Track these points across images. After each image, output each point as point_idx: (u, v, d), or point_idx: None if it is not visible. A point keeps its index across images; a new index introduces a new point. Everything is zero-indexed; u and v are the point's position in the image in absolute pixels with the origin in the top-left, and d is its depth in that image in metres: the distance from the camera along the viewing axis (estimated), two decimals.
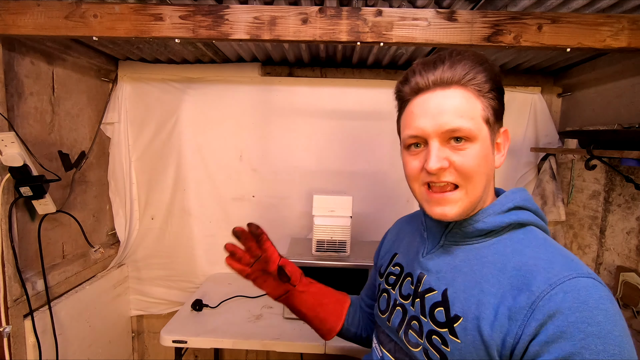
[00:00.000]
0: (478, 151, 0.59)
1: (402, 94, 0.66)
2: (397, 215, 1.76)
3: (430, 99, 0.60)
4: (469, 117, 0.58)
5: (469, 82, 0.59)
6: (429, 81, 0.60)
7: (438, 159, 0.58)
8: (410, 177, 0.65)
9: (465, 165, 0.58)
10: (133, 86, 1.68)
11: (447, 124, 0.57)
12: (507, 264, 0.58)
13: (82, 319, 1.41)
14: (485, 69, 0.60)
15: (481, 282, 0.59)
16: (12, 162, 1.06)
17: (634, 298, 1.17)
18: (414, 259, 0.72)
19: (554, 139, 1.64)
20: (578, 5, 1.01)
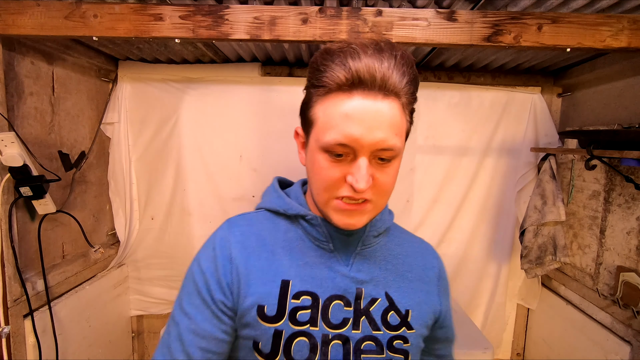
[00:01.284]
0: (397, 168, 0.56)
1: (332, 77, 0.51)
2: (397, 215, 1.76)
3: (370, 107, 0.50)
4: (400, 134, 0.53)
5: (405, 93, 0.52)
6: (374, 78, 0.49)
7: (367, 178, 0.52)
8: (327, 186, 0.55)
9: (387, 183, 0.55)
10: (133, 86, 1.68)
11: (384, 141, 0.51)
12: (408, 251, 0.69)
13: (82, 319, 1.41)
14: (417, 78, 0.54)
15: (404, 272, 0.66)
16: (12, 162, 1.06)
17: (634, 298, 1.17)
18: (332, 278, 0.60)
19: (554, 139, 1.64)
20: (578, 5, 1.01)
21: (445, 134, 1.71)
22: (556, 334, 1.56)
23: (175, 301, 0.61)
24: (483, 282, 1.78)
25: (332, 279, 0.60)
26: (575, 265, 1.50)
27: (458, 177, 1.72)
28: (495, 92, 1.67)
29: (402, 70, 0.51)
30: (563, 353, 1.49)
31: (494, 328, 1.79)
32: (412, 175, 1.73)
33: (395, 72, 0.50)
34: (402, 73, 0.51)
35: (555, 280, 1.61)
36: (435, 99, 1.69)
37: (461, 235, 1.76)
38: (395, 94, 0.51)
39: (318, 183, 0.57)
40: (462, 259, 1.77)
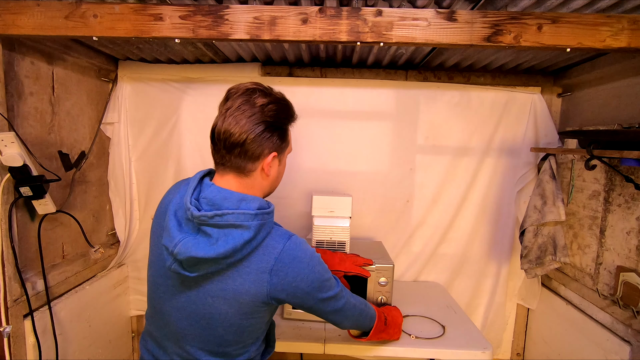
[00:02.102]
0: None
1: (295, 118, 0.91)
2: (397, 215, 1.77)
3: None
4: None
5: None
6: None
7: None
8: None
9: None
10: (133, 86, 1.68)
11: None
12: None
13: (82, 319, 1.41)
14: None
15: None
16: (12, 162, 1.06)
17: (634, 298, 1.17)
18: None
19: (554, 139, 1.64)
20: (578, 5, 1.01)
21: (445, 134, 1.71)
22: (556, 334, 1.56)
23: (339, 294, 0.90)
24: (483, 282, 1.78)
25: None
26: (575, 265, 1.50)
27: (458, 177, 1.72)
28: (495, 92, 1.67)
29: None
30: (563, 353, 1.49)
31: (494, 328, 1.79)
32: (412, 175, 1.74)
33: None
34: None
35: (555, 280, 1.61)
36: (435, 99, 1.69)
37: (461, 235, 1.76)
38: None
39: (280, 178, 0.94)
40: (462, 259, 1.77)
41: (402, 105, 1.70)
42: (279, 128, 0.84)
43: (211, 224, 0.76)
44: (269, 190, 0.91)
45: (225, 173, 0.84)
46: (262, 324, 0.88)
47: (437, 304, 1.55)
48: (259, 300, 0.80)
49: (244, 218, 0.76)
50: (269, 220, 0.81)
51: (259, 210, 0.79)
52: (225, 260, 0.76)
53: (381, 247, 1.59)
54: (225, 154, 0.81)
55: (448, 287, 1.77)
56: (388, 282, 1.33)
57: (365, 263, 1.31)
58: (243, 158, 0.80)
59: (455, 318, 1.43)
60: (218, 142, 0.82)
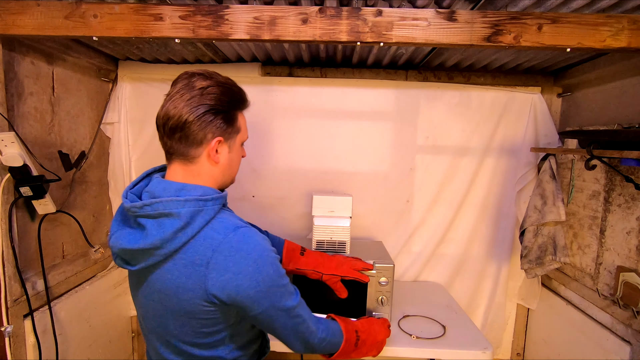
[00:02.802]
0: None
1: (245, 103, 0.86)
2: (397, 215, 1.77)
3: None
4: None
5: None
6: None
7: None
8: (239, 165, 0.91)
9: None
10: (133, 86, 1.68)
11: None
12: None
13: (82, 319, 1.41)
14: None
15: None
16: (12, 162, 1.06)
17: (634, 298, 1.17)
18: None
19: (554, 139, 1.64)
20: (578, 5, 1.01)
21: (445, 134, 1.71)
22: (556, 334, 1.56)
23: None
24: (483, 282, 1.78)
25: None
26: (575, 265, 1.50)
27: (458, 177, 1.72)
28: (495, 92, 1.67)
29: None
30: (563, 353, 1.49)
31: (494, 328, 1.79)
32: (412, 175, 1.74)
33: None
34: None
35: (555, 280, 1.61)
36: (435, 99, 1.69)
37: (461, 235, 1.76)
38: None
39: (237, 167, 0.91)
40: (462, 259, 1.77)
41: (402, 105, 1.70)
42: (222, 112, 0.79)
43: (142, 214, 0.73)
44: (223, 179, 0.85)
45: (171, 162, 0.81)
46: (220, 326, 0.79)
47: (438, 304, 1.55)
48: (199, 297, 0.73)
49: (172, 205, 0.72)
50: (207, 208, 0.75)
51: (193, 196, 0.74)
52: (157, 252, 0.72)
53: (381, 247, 1.59)
54: (167, 140, 0.78)
55: (448, 287, 1.77)
56: (388, 282, 1.33)
57: (365, 268, 1.23)
58: (185, 143, 0.77)
59: (455, 318, 1.43)
60: (160, 129, 0.79)
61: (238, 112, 0.85)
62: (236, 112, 0.84)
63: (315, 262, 1.18)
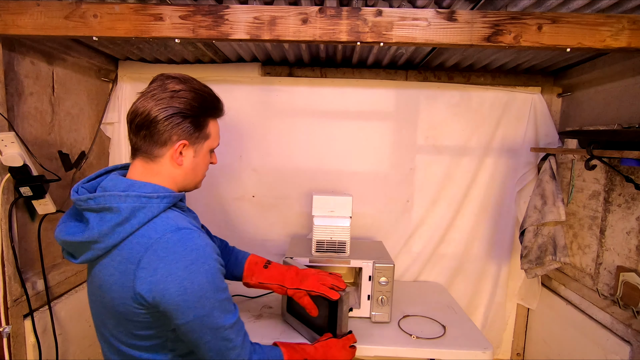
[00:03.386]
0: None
1: (218, 111, 0.88)
2: (397, 215, 1.77)
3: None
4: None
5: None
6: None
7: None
8: (205, 171, 0.91)
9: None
10: (133, 86, 1.68)
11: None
12: None
13: (82, 319, 1.41)
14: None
15: None
16: (12, 162, 1.06)
17: (634, 298, 1.17)
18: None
19: (554, 139, 1.64)
20: (578, 5, 1.01)
21: (445, 134, 1.71)
22: (556, 334, 1.56)
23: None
24: (483, 282, 1.78)
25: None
26: (575, 265, 1.50)
27: (458, 177, 1.72)
28: (495, 92, 1.67)
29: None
30: (563, 353, 1.49)
31: (494, 328, 1.79)
32: (412, 175, 1.74)
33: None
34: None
35: (555, 280, 1.61)
36: (435, 99, 1.69)
37: (461, 235, 1.76)
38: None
39: (203, 172, 0.90)
40: (462, 259, 1.77)
41: (402, 105, 1.70)
42: (190, 116, 0.80)
43: (86, 207, 0.74)
44: (184, 182, 0.85)
45: (135, 158, 0.82)
46: (154, 330, 0.75)
47: (438, 304, 1.55)
48: (129, 297, 0.70)
49: (113, 200, 0.72)
50: (150, 205, 0.73)
51: (136, 192, 0.73)
52: (95, 245, 0.72)
53: (381, 246, 1.59)
54: (133, 137, 0.80)
55: (448, 287, 1.77)
56: (388, 282, 1.33)
57: (334, 285, 1.07)
58: (149, 141, 0.78)
59: (455, 318, 1.43)
60: (128, 125, 0.80)
61: (209, 118, 0.85)
62: (207, 119, 0.84)
63: (280, 275, 1.11)
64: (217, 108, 0.87)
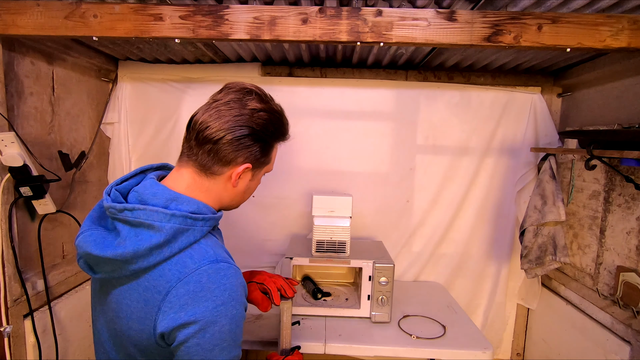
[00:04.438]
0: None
1: (286, 137, 0.82)
2: (397, 215, 1.77)
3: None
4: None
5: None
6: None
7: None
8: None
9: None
10: (133, 86, 1.68)
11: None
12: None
13: (82, 319, 1.41)
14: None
15: None
16: (12, 162, 1.06)
17: (634, 298, 1.17)
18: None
19: (554, 139, 1.64)
20: (578, 5, 1.01)
21: (445, 134, 1.71)
22: (556, 334, 1.56)
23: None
24: (483, 282, 1.78)
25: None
26: (575, 265, 1.50)
27: (458, 177, 1.72)
28: (495, 92, 1.67)
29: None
30: (563, 353, 1.49)
31: (494, 328, 1.79)
32: (412, 175, 1.74)
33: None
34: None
35: (555, 280, 1.61)
36: (435, 99, 1.69)
37: (461, 235, 1.76)
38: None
39: (250, 193, 0.82)
40: (462, 259, 1.77)
41: (402, 105, 1.70)
42: (263, 140, 0.73)
43: (121, 219, 0.64)
44: (229, 203, 0.78)
45: (185, 166, 0.73)
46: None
47: (438, 304, 1.55)
48: (148, 329, 0.63)
49: (156, 217, 0.63)
50: (194, 228, 0.66)
51: (182, 212, 0.65)
52: (126, 266, 0.63)
53: (381, 246, 1.59)
54: (195, 145, 0.70)
55: (448, 287, 1.77)
56: (388, 281, 1.33)
57: (283, 287, 0.95)
58: (212, 157, 0.70)
59: (455, 318, 1.43)
60: (192, 131, 0.71)
61: (276, 143, 0.80)
62: (275, 144, 0.79)
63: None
64: (287, 133, 0.81)
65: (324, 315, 1.40)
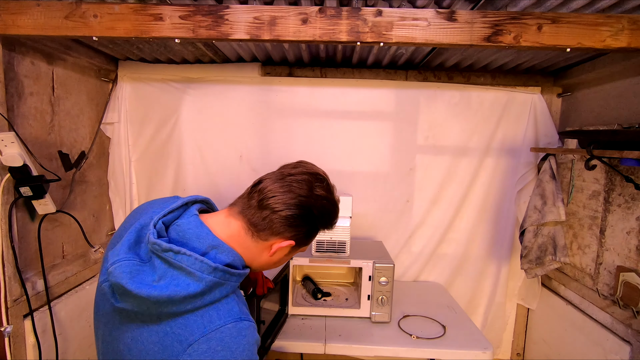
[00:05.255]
0: None
1: (331, 228, 0.85)
2: (397, 215, 1.77)
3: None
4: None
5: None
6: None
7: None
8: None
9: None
10: (133, 86, 1.68)
11: None
12: None
13: (82, 319, 1.41)
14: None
15: None
16: (12, 162, 1.06)
17: (634, 298, 1.17)
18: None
19: (554, 139, 1.64)
20: (578, 5, 1.01)
21: (445, 134, 1.71)
22: (556, 334, 1.56)
23: None
24: (483, 282, 1.78)
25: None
26: (575, 265, 1.50)
27: (458, 177, 1.72)
28: (495, 92, 1.67)
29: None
30: (563, 353, 1.49)
31: (494, 328, 1.79)
32: (412, 175, 1.74)
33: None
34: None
35: (555, 280, 1.61)
36: (435, 99, 1.69)
37: (461, 235, 1.76)
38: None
39: (278, 265, 0.84)
40: (462, 259, 1.77)
41: (402, 105, 1.70)
42: (314, 225, 0.78)
43: (162, 257, 0.64)
44: (260, 266, 0.81)
45: (235, 217, 0.75)
46: None
47: (438, 304, 1.55)
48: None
49: (199, 266, 0.63)
50: (230, 283, 0.67)
51: (225, 267, 0.66)
52: (155, 307, 0.62)
53: (381, 246, 1.59)
54: (255, 206, 0.74)
55: (448, 287, 1.78)
56: (388, 281, 1.33)
57: (266, 283, 1.10)
58: (265, 222, 0.73)
59: (455, 318, 1.43)
60: (256, 193, 0.75)
61: (322, 230, 0.83)
62: (320, 231, 0.83)
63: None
64: (334, 224, 0.85)
65: (324, 315, 1.40)
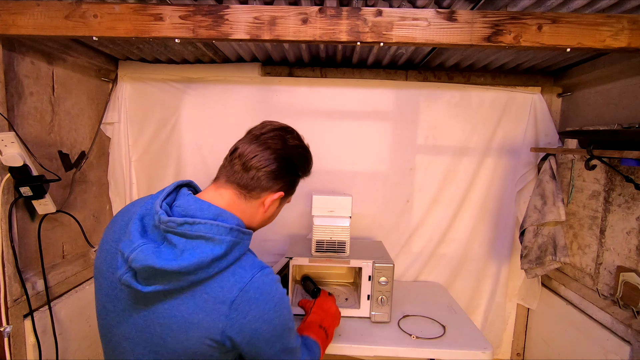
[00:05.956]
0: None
1: (308, 175, 0.91)
2: (397, 215, 1.78)
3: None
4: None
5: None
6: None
7: None
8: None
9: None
10: (133, 86, 1.68)
11: None
12: None
13: (82, 319, 1.41)
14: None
15: None
16: (12, 162, 1.06)
17: (634, 298, 1.17)
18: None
19: (554, 139, 1.64)
20: (578, 5, 1.01)
21: (445, 134, 1.71)
22: (556, 334, 1.56)
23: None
24: (483, 282, 1.78)
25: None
26: (575, 265, 1.50)
27: (458, 177, 1.72)
28: (495, 92, 1.67)
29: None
30: (563, 353, 1.49)
31: (494, 328, 1.79)
32: (412, 175, 1.74)
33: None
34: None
35: (555, 280, 1.61)
36: (435, 99, 1.69)
37: (461, 235, 1.76)
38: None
39: (271, 220, 0.91)
40: (462, 259, 1.77)
41: (402, 105, 1.70)
42: (295, 174, 0.85)
43: (179, 232, 0.67)
44: (258, 225, 0.87)
45: (224, 187, 0.79)
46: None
47: (437, 304, 1.55)
48: (211, 336, 0.67)
49: (217, 230, 0.68)
50: (244, 241, 0.74)
51: (237, 226, 0.72)
52: (186, 277, 0.66)
53: (381, 246, 1.59)
54: (239, 170, 0.79)
55: (448, 287, 1.77)
56: (388, 281, 1.33)
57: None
58: (254, 182, 0.79)
59: (455, 318, 1.43)
60: (237, 160, 0.80)
61: (301, 178, 0.90)
62: (301, 178, 0.90)
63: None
64: (310, 170, 0.92)
65: None
